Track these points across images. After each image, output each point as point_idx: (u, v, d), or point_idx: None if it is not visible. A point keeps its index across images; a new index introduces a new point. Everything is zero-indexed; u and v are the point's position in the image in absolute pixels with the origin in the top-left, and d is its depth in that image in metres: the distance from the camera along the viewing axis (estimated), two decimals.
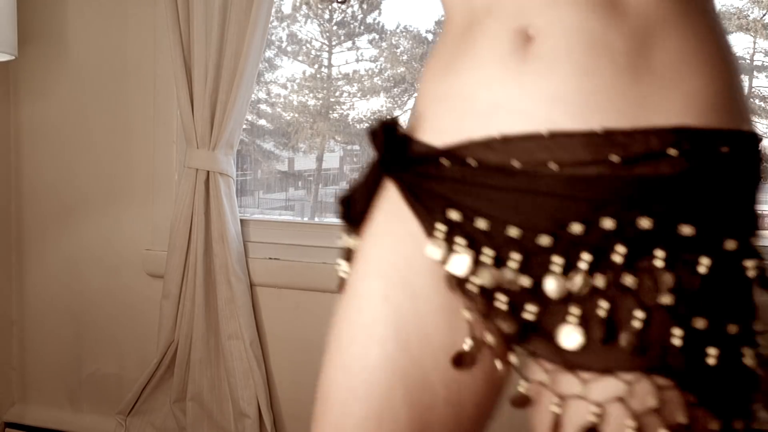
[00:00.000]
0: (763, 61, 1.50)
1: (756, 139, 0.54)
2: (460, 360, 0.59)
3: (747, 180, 0.53)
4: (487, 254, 0.55)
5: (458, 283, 0.56)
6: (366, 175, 0.64)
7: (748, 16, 1.49)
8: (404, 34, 1.74)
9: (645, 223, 0.50)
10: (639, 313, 0.49)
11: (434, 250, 0.57)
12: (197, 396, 1.61)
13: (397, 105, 1.76)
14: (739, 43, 1.51)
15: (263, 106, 1.85)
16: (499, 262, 0.54)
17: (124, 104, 1.72)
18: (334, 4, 1.76)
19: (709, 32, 0.54)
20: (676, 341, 0.49)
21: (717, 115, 0.52)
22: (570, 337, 0.51)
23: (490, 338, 0.57)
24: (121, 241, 1.74)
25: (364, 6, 1.76)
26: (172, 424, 1.63)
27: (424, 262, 0.59)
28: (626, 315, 0.50)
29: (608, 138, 0.50)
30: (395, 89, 1.76)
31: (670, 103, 0.51)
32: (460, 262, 0.55)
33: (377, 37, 1.75)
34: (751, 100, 1.52)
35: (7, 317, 1.85)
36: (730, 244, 0.51)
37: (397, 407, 0.59)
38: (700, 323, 0.50)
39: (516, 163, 0.53)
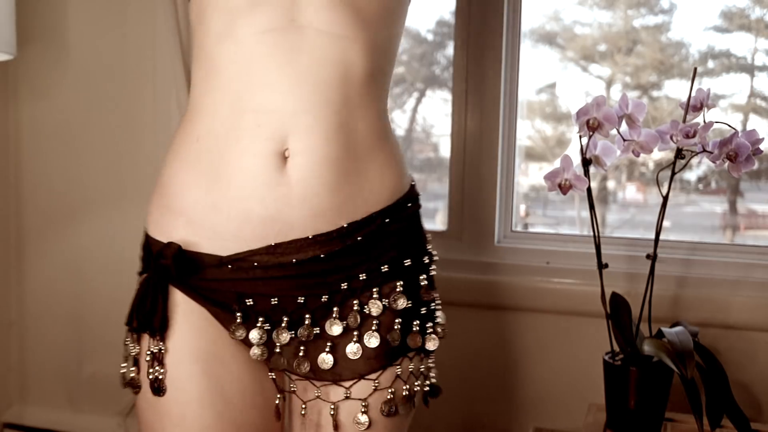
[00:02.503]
0: (763, 61, 1.50)
1: (414, 190, 0.86)
2: (277, 412, 0.83)
3: (418, 219, 0.86)
4: (285, 321, 0.78)
5: (262, 355, 0.79)
6: (148, 290, 0.79)
7: (750, 15, 1.49)
8: (404, 34, 1.74)
9: (385, 268, 0.80)
10: (398, 320, 0.80)
11: (241, 332, 0.78)
12: None
13: (397, 105, 1.75)
14: (740, 43, 1.50)
15: None
16: (293, 324, 0.78)
17: (123, 104, 1.72)
18: None
19: (394, 138, 0.85)
20: (415, 328, 0.82)
21: (400, 190, 0.82)
22: (354, 347, 0.79)
23: (286, 384, 0.83)
24: (121, 241, 1.74)
25: None
26: None
27: (229, 341, 0.79)
28: (387, 328, 0.80)
29: (350, 227, 0.77)
30: (395, 89, 1.76)
31: (378, 195, 0.80)
32: (256, 337, 0.78)
33: None
34: (752, 99, 1.52)
35: (6, 318, 1.85)
36: (422, 261, 0.84)
37: None
38: (423, 310, 0.83)
39: (293, 259, 0.76)
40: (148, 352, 0.79)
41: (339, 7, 0.75)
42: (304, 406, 0.82)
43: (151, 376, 0.79)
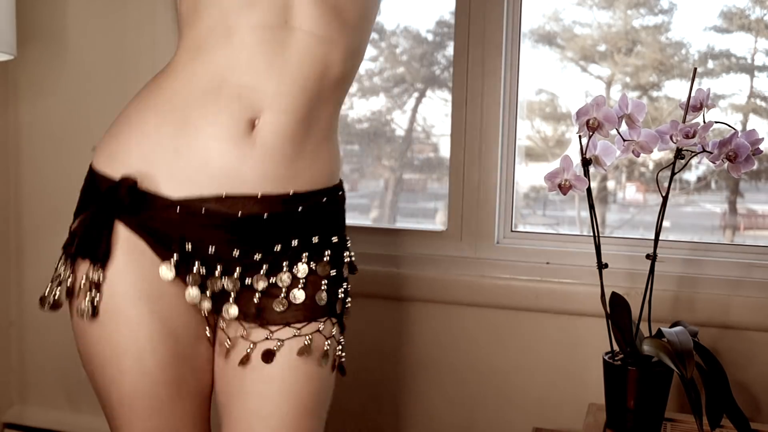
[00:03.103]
0: (763, 61, 1.50)
1: (342, 184, 0.97)
2: (209, 342, 0.92)
3: (344, 207, 0.97)
4: (218, 269, 0.86)
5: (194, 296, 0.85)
6: (95, 220, 0.85)
7: (750, 15, 1.49)
8: (404, 34, 1.74)
9: (316, 239, 0.91)
10: (324, 282, 0.90)
11: (167, 272, 0.84)
12: None
13: (397, 105, 1.76)
14: (740, 43, 1.50)
15: None
16: (227, 272, 0.86)
17: (123, 104, 1.71)
18: None
19: (337, 142, 0.94)
20: (340, 296, 0.92)
21: (334, 177, 0.93)
22: (282, 302, 0.88)
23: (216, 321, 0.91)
24: None
25: None
26: None
27: (168, 282, 0.85)
28: (315, 288, 0.90)
29: (295, 197, 0.87)
30: (395, 89, 1.76)
31: (321, 177, 0.90)
32: (193, 282, 0.85)
33: (377, 36, 1.75)
34: (752, 100, 1.52)
35: (6, 318, 1.85)
36: (345, 243, 0.96)
37: (186, 376, 0.88)
38: (339, 285, 0.93)
39: (239, 212, 0.84)
40: (85, 278, 0.85)
41: (326, 14, 0.84)
42: (229, 341, 0.89)
43: (87, 301, 0.85)
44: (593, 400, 1.39)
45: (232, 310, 0.87)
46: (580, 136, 1.11)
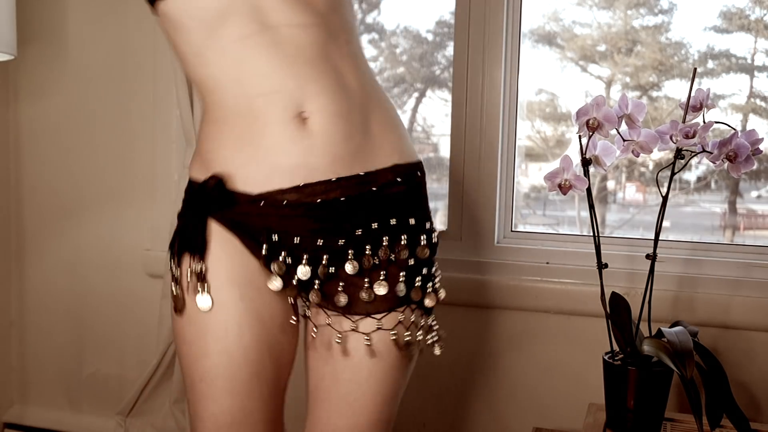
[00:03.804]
0: (763, 61, 1.50)
1: (422, 164, 0.97)
2: (295, 330, 0.96)
3: (424, 189, 0.97)
4: (305, 258, 0.89)
5: (285, 283, 0.91)
6: (192, 219, 0.92)
7: (749, 16, 1.49)
8: (404, 34, 1.74)
9: (393, 221, 0.91)
10: (402, 273, 0.91)
11: (275, 283, 0.90)
12: None
13: (397, 105, 1.76)
14: (740, 43, 1.50)
15: None
16: (313, 260, 0.90)
17: (123, 104, 1.72)
18: None
19: (389, 102, 0.96)
20: (417, 284, 0.93)
21: (409, 154, 0.94)
22: (365, 294, 0.90)
23: (305, 309, 0.96)
24: (121, 241, 1.74)
25: (364, 6, 1.75)
26: (172, 424, 1.63)
27: (261, 269, 0.91)
28: (394, 280, 0.91)
29: (367, 177, 0.89)
30: (395, 89, 1.76)
31: (385, 151, 0.91)
32: (277, 270, 0.90)
33: (377, 37, 1.75)
34: (752, 100, 1.52)
35: (6, 318, 1.85)
36: (424, 225, 0.95)
37: (266, 362, 0.93)
38: (424, 271, 0.94)
39: (318, 199, 0.87)
40: (190, 271, 0.91)
41: (295, 6, 0.87)
42: (315, 329, 0.94)
43: (199, 291, 0.91)
44: (593, 400, 1.39)
45: (317, 296, 0.91)
46: (580, 136, 1.11)
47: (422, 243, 0.93)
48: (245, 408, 0.91)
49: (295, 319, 0.95)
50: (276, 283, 0.90)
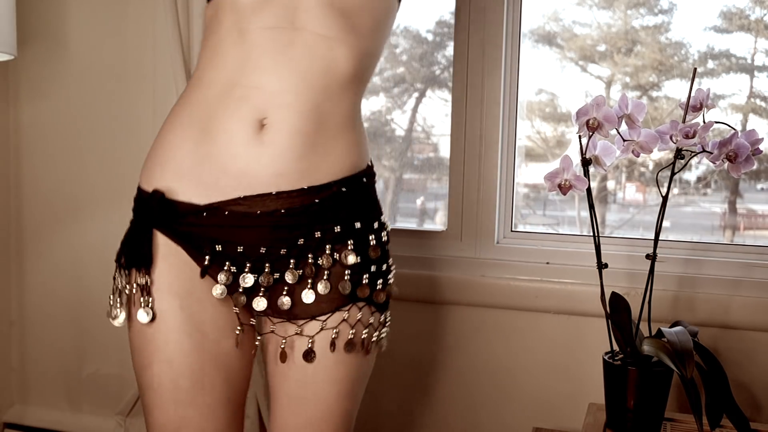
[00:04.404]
0: (763, 61, 1.50)
1: (371, 167, 0.99)
2: (236, 341, 0.95)
3: (372, 190, 0.99)
4: (248, 267, 0.91)
5: (229, 292, 0.92)
6: (138, 231, 0.94)
7: (749, 16, 1.49)
8: (404, 34, 1.74)
9: (337, 228, 0.93)
10: (347, 272, 0.93)
11: (218, 290, 0.92)
12: None
13: (397, 105, 1.76)
14: (740, 43, 1.50)
15: None
16: (257, 269, 0.91)
17: (123, 104, 1.72)
18: None
19: (358, 133, 0.96)
20: (365, 281, 0.94)
21: (358, 164, 0.95)
22: (309, 293, 0.92)
23: (247, 318, 0.96)
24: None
25: None
26: None
27: (202, 280, 0.92)
28: (338, 278, 0.93)
29: (311, 190, 0.90)
30: (395, 89, 1.76)
31: (339, 168, 0.93)
32: (223, 279, 0.91)
33: None
34: (752, 100, 1.52)
35: (6, 318, 1.85)
36: (372, 226, 0.97)
37: (210, 371, 0.93)
38: (373, 268, 0.96)
39: (258, 210, 0.89)
40: (136, 284, 0.92)
41: (332, 16, 0.90)
42: (259, 337, 0.96)
43: (142, 305, 0.92)
44: (593, 400, 1.39)
45: (261, 304, 0.92)
46: (580, 136, 1.11)
47: (372, 243, 0.96)
48: (188, 418, 0.92)
49: (240, 328, 0.95)
50: (218, 290, 0.91)
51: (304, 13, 0.89)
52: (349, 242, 0.93)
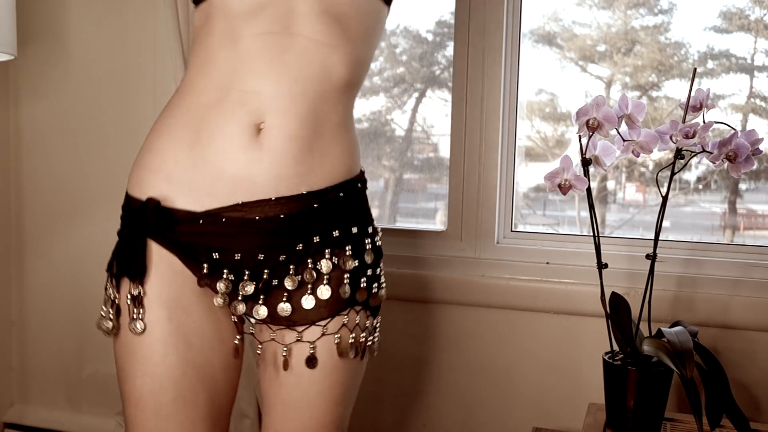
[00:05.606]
0: (763, 61, 1.50)
1: (363, 173, 0.99)
2: (236, 350, 0.95)
3: (365, 196, 0.99)
4: (247, 274, 0.90)
5: (227, 303, 0.91)
6: (130, 241, 0.90)
7: (749, 16, 1.49)
8: (404, 34, 1.74)
9: (336, 233, 0.92)
10: (346, 275, 0.92)
11: (218, 300, 0.90)
12: None
13: (397, 105, 1.76)
14: (740, 43, 1.50)
15: None
16: (256, 276, 0.90)
17: (123, 104, 1.72)
18: None
19: (353, 138, 0.96)
20: (363, 285, 0.94)
21: (353, 169, 0.95)
22: (309, 299, 0.91)
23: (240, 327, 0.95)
24: None
25: None
26: None
27: (193, 290, 0.91)
28: (338, 283, 0.92)
29: (310, 195, 0.89)
30: (395, 89, 1.76)
31: (336, 172, 0.92)
32: (222, 288, 0.90)
33: None
34: (752, 100, 1.52)
35: (6, 317, 1.85)
36: (367, 230, 0.97)
37: (193, 384, 0.91)
38: (369, 272, 0.95)
39: (257, 216, 0.87)
40: (129, 295, 0.90)
41: (326, 23, 0.89)
42: (260, 345, 0.94)
43: (135, 317, 0.90)
44: (593, 400, 1.39)
45: (261, 311, 0.91)
46: (580, 136, 1.11)
47: (368, 248, 0.96)
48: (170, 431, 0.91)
49: (239, 338, 0.94)
50: (219, 301, 0.90)
51: (299, 18, 0.88)
52: (347, 247, 0.93)
